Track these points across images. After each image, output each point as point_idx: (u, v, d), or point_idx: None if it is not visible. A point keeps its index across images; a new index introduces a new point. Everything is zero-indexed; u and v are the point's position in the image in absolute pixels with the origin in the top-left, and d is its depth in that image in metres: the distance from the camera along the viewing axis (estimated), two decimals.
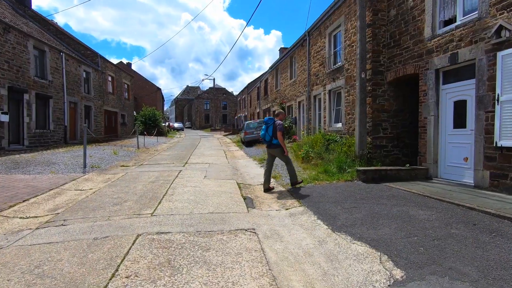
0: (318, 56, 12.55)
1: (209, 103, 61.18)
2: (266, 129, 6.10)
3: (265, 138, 6.14)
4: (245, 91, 36.04)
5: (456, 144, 6.50)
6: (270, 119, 6.22)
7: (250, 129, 16.87)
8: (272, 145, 6.15)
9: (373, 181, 6.83)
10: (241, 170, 9.20)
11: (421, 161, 7.27)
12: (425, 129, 7.14)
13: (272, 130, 6.06)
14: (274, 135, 6.05)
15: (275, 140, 6.07)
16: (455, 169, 6.51)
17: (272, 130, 6.06)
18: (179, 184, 6.68)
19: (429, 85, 7.00)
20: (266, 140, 6.14)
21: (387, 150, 8.65)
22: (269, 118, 6.30)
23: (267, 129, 6.10)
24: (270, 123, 6.12)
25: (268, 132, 6.08)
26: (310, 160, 9.24)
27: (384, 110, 8.61)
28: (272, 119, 6.22)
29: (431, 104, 6.95)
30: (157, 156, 12.48)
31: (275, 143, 6.10)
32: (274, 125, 6.08)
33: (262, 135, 6.21)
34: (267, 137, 6.10)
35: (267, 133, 6.08)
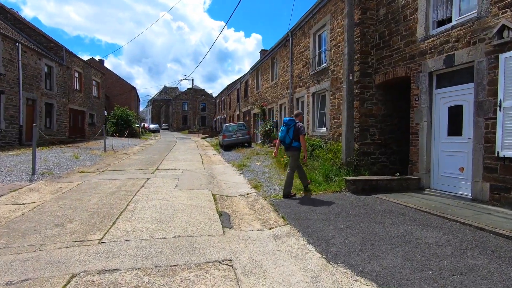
0: (302, 57, 11.98)
1: (187, 104, 59.46)
2: (287, 131, 5.81)
3: (284, 140, 5.85)
4: (224, 92, 35.09)
5: (450, 153, 6.04)
6: (291, 120, 5.89)
7: (229, 132, 16.00)
8: (292, 147, 5.84)
9: (363, 192, 6.22)
10: (218, 178, 8.32)
11: (412, 170, 6.78)
12: (417, 136, 6.66)
13: (293, 132, 5.77)
14: (295, 137, 5.77)
15: (296, 143, 5.80)
16: (449, 179, 6.05)
17: (293, 133, 5.77)
18: (143, 197, 5.69)
19: (421, 89, 6.53)
20: (286, 142, 5.84)
21: (374, 157, 8.14)
22: (289, 119, 5.95)
23: (287, 131, 5.81)
24: (291, 125, 5.81)
25: (288, 134, 5.79)
26: None
27: (372, 115, 8.10)
28: (293, 121, 5.89)
29: (424, 109, 6.48)
30: (125, 161, 11.27)
31: (294, 146, 5.82)
32: (295, 127, 5.79)
33: (281, 137, 5.91)
34: (287, 140, 5.81)
35: (287, 135, 5.79)
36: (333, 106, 9.39)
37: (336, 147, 8.65)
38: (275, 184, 7.16)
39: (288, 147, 5.90)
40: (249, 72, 21.49)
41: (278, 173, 8.42)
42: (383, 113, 8.18)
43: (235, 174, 8.93)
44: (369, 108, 8.07)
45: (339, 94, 9.00)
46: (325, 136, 9.89)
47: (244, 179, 8.04)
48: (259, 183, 7.33)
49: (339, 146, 8.61)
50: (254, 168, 9.47)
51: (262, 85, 18.39)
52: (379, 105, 8.14)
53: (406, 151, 8.36)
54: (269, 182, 7.36)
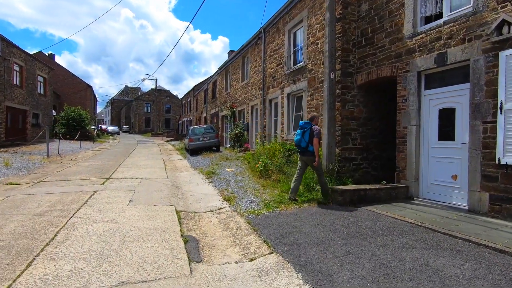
0: (276, 55, 11.24)
1: (150, 106, 56.26)
2: (302, 134, 5.64)
3: (300, 144, 5.65)
4: (190, 93, 33.44)
5: (442, 159, 5.57)
6: (307, 124, 5.69)
7: (196, 135, 14.73)
8: (308, 152, 5.61)
9: (351, 203, 5.52)
10: (184, 189, 7.15)
11: (400, 177, 6.25)
12: (404, 140, 6.15)
13: (309, 135, 5.57)
14: (311, 141, 5.55)
15: (312, 147, 5.55)
16: (441, 188, 5.57)
17: (308, 136, 5.57)
18: (83, 218, 4.39)
19: (409, 90, 6.04)
20: (302, 146, 5.64)
21: (356, 163, 7.56)
22: (305, 122, 5.76)
23: (303, 134, 5.64)
24: (307, 128, 5.62)
25: (304, 137, 5.62)
26: (269, 175, 7.66)
27: (354, 118, 7.53)
28: (309, 124, 5.68)
29: (412, 112, 5.98)
30: (71, 168, 9.55)
31: (311, 150, 5.57)
32: (311, 130, 5.59)
33: (297, 140, 5.72)
34: (303, 143, 5.62)
35: (303, 138, 5.62)
36: (311, 108, 8.71)
37: None
38: (251, 195, 6.21)
39: (304, 152, 5.65)
40: (218, 72, 20.39)
41: (253, 182, 7.48)
42: (365, 116, 7.65)
43: (203, 183, 7.81)
44: (350, 110, 7.49)
45: (318, 95, 8.35)
46: None
47: (215, 189, 6.98)
48: (232, 194, 6.32)
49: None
50: (225, 175, 8.44)
51: (231, 86, 17.40)
52: (361, 107, 7.61)
53: (387, 157, 7.92)
54: (243, 193, 6.39)
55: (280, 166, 7.96)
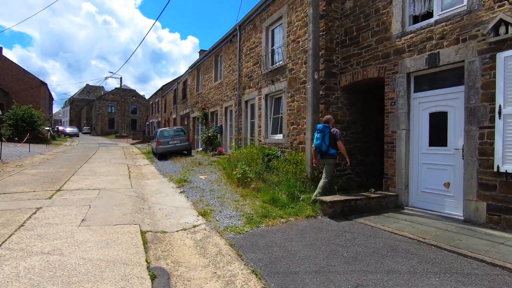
0: (252, 54, 10.61)
1: (114, 106, 52.87)
2: (322, 138, 5.67)
3: (321, 148, 5.69)
4: (159, 93, 31.71)
5: (433, 166, 5.28)
6: (325, 127, 5.68)
7: (165, 137, 13.61)
8: (328, 155, 5.68)
9: (341, 215, 5.02)
10: (151, 200, 6.22)
11: (388, 185, 5.90)
12: (393, 145, 5.81)
13: (329, 139, 5.61)
14: (331, 144, 5.61)
15: (332, 150, 5.64)
16: (432, 196, 5.28)
17: (328, 139, 5.61)
18: (15, 250, 3.37)
19: (398, 92, 5.72)
20: (323, 149, 5.67)
21: (340, 169, 7.15)
22: (323, 125, 5.74)
23: (323, 138, 5.67)
24: (326, 131, 5.64)
25: (324, 141, 5.65)
26: (248, 183, 6.98)
27: (337, 121, 7.11)
28: (327, 127, 5.67)
29: (402, 116, 5.66)
30: (13, 177, 8.10)
31: (331, 153, 5.66)
32: (330, 133, 5.61)
33: (317, 144, 5.75)
34: (323, 147, 5.66)
35: (324, 142, 5.65)
36: (291, 110, 8.19)
37: (297, 158, 7.41)
38: (230, 207, 5.49)
39: (324, 155, 5.70)
40: (188, 71, 19.32)
41: (230, 191, 6.75)
42: (348, 119, 7.28)
43: (174, 193, 6.92)
44: (334, 112, 7.07)
45: (299, 96, 7.85)
46: (281, 144, 8.63)
47: (187, 200, 6.15)
48: (208, 207, 5.54)
49: (299, 156, 7.40)
50: (199, 184, 7.61)
51: (203, 86, 16.48)
52: (344, 110, 7.22)
53: (371, 162, 7.62)
54: (221, 205, 5.65)
55: (260, 173, 7.32)
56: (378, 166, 7.69)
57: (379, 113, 7.80)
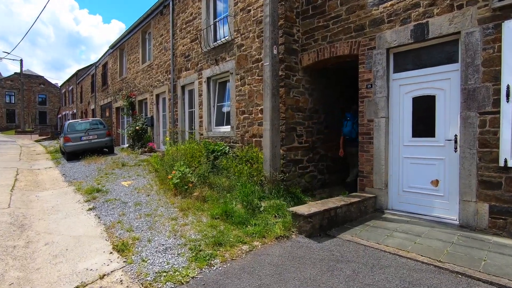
0: (190, 28, 8.68)
1: (14, 95, 43.31)
2: (352, 125, 5.59)
3: (351, 135, 5.62)
4: (73, 80, 26.51)
5: (417, 160, 4.43)
6: (353, 115, 5.54)
7: (76, 132, 10.64)
8: (356, 142, 5.27)
9: (321, 230, 3.78)
10: (36, 228, 4.02)
11: (364, 184, 4.91)
12: (370, 137, 4.81)
13: (358, 126, 5.07)
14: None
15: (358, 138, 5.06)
16: (417, 197, 4.44)
17: (358, 127, 5.08)
18: None
19: (376, 73, 4.71)
20: (353, 137, 5.56)
21: (302, 166, 5.97)
22: (351, 114, 5.65)
23: (352, 125, 5.57)
24: (356, 119, 5.31)
25: (354, 128, 5.54)
26: (190, 190, 5.25)
27: (299, 109, 5.90)
28: (354, 116, 5.41)
29: (381, 101, 4.68)
30: None
31: (357, 141, 5.07)
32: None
33: (348, 131, 5.67)
34: (353, 134, 5.56)
35: (353, 129, 5.56)
36: (241, 96, 6.67)
37: (251, 155, 5.98)
38: (164, 231, 3.75)
39: (353, 142, 5.56)
40: (109, 51, 16.01)
41: (165, 203, 4.93)
42: (310, 106, 6.13)
43: (78, 211, 4.76)
44: (296, 98, 5.82)
45: (251, 78, 6.37)
46: (228, 138, 7.06)
47: (98, 223, 4.15)
48: (130, 233, 3.69)
49: (254, 153, 5.98)
50: (119, 194, 5.55)
51: (129, 69, 13.67)
52: (306, 96, 6.03)
53: (333, 157, 6.65)
54: (151, 228, 3.85)
55: (205, 175, 5.65)
56: (340, 160, 6.80)
57: (344, 99, 6.92)
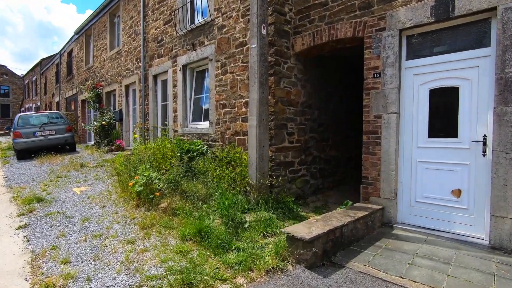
0: (163, 8, 7.55)
1: None
2: None
3: None
4: (36, 70, 24.16)
5: (435, 165, 3.68)
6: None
7: (30, 127, 9.17)
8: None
9: (325, 258, 2.91)
10: None
11: (369, 193, 4.11)
12: (377, 136, 4.01)
13: None
14: None
15: None
16: (433, 209, 3.69)
17: None
18: None
19: (386, 59, 3.91)
20: None
21: (293, 169, 5.10)
22: None
23: None
24: None
25: None
26: (157, 200, 4.22)
27: (290, 102, 5.02)
28: None
29: (391, 93, 3.88)
30: None
31: None
32: None
33: None
34: None
35: None
36: (222, 86, 5.69)
37: (233, 156, 5.04)
38: (115, 263, 2.74)
39: None
40: (74, 37, 14.38)
41: (123, 218, 3.88)
42: (303, 100, 5.27)
43: (4, 230, 3.60)
44: (287, 90, 4.93)
45: (235, 65, 5.41)
46: (207, 135, 6.07)
47: (23, 251, 3.05)
48: (64, 267, 2.64)
49: (237, 154, 5.05)
50: (65, 204, 4.42)
51: (95, 57, 12.21)
52: (298, 87, 5.16)
53: (326, 159, 5.85)
54: (95, 260, 2.82)
55: (177, 181, 4.63)
56: (334, 163, 6.02)
57: (340, 92, 6.15)
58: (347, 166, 6.37)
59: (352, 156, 6.50)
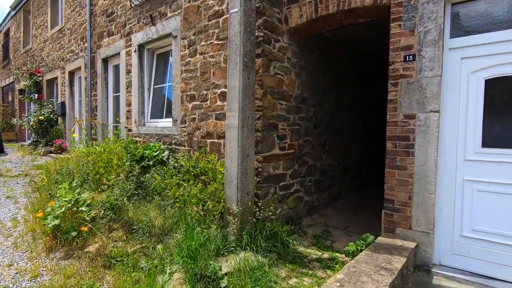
0: None
1: None
2: None
3: None
4: None
5: (492, 187, 2.62)
6: None
7: None
8: None
9: None
10: None
11: (395, 223, 2.96)
12: (408, 145, 2.87)
13: None
14: None
15: None
16: (490, 247, 2.63)
17: None
18: None
19: (423, 34, 2.77)
20: None
21: (284, 185, 3.85)
22: None
23: None
24: None
25: None
26: (83, 239, 2.73)
27: (283, 95, 3.75)
28: None
29: (431, 84, 2.75)
30: None
31: None
32: None
33: None
34: None
35: None
36: (190, 72, 4.27)
37: (204, 166, 3.67)
38: None
39: None
40: (11, 14, 11.92)
41: (20, 273, 2.34)
42: (298, 93, 4.02)
43: None
44: (278, 77, 3.66)
45: (207, 43, 4.02)
46: (169, 136, 4.62)
47: None
48: None
49: (209, 164, 3.70)
50: None
51: (35, 37, 10.03)
52: (292, 76, 3.91)
53: (322, 168, 4.69)
54: None
55: (119, 206, 3.15)
56: (330, 173, 4.87)
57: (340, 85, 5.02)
58: (344, 177, 5.25)
59: (349, 165, 5.40)
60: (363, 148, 5.89)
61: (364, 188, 5.80)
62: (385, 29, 3.08)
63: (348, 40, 4.49)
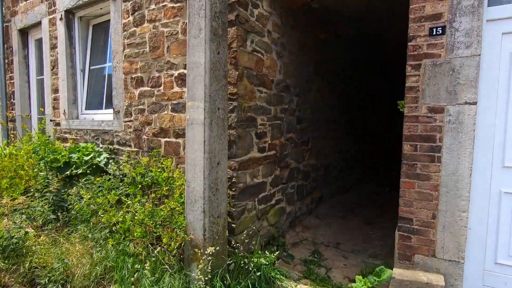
0: None
1: None
2: None
3: None
4: None
5: None
6: None
7: None
8: None
9: None
10: None
11: (413, 248, 2.28)
12: (433, 146, 2.18)
13: None
14: None
15: None
16: None
17: None
18: None
19: (455, 2, 2.05)
20: None
21: (265, 196, 3.00)
22: None
23: None
24: None
25: None
26: None
27: (262, 79, 2.85)
28: None
29: (467, 65, 2.06)
30: None
31: None
32: None
33: None
34: None
35: None
36: (136, 47, 3.17)
37: (156, 175, 2.65)
38: None
39: None
40: None
41: None
42: (279, 78, 3.16)
43: None
44: (257, 56, 2.75)
45: (159, 6, 2.94)
46: (110, 133, 3.48)
47: None
48: None
49: (163, 173, 2.70)
50: None
51: None
52: (273, 55, 3.02)
53: (305, 171, 3.94)
54: None
55: (18, 243, 2.03)
56: (313, 175, 4.15)
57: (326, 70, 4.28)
58: (326, 179, 4.57)
59: (332, 164, 4.74)
60: (349, 145, 5.30)
61: (347, 189, 5.22)
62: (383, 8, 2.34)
63: (339, 18, 3.72)
